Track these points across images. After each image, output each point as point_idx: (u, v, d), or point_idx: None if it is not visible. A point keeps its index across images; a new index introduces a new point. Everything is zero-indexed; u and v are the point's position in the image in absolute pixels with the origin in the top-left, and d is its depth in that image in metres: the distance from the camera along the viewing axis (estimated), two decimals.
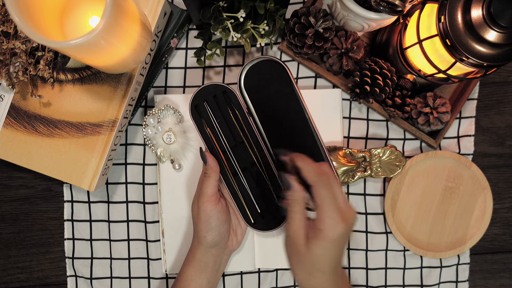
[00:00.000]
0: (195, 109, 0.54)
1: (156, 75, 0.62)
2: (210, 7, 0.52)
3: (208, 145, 0.54)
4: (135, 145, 0.63)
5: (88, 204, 0.64)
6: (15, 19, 0.40)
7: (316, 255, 0.45)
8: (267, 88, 0.53)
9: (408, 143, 0.64)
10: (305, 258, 0.45)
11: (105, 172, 0.57)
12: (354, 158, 0.60)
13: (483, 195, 0.62)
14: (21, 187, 0.65)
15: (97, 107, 0.55)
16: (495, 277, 0.66)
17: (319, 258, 0.45)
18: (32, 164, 0.55)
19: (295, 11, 0.58)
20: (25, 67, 0.54)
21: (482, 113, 0.65)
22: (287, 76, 0.52)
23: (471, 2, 0.45)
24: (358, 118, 0.63)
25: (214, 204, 0.52)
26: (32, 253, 0.65)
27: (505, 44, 0.45)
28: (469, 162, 0.62)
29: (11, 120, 0.55)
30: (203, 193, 0.52)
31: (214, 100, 0.54)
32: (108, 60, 0.48)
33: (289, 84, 0.52)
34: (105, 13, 0.39)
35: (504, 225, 0.66)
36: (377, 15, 0.52)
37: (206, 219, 0.52)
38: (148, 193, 0.63)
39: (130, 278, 0.64)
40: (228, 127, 0.54)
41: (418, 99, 0.60)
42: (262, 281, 0.63)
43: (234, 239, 0.56)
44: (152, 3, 0.53)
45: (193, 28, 0.63)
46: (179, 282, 0.54)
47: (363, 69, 0.59)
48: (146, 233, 0.63)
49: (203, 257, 0.54)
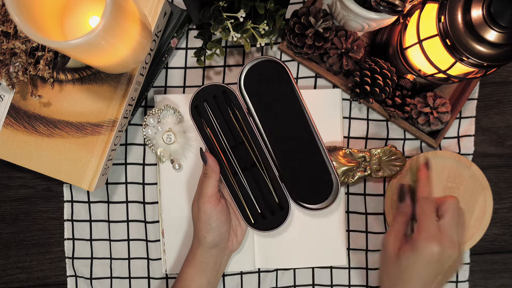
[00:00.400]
0: (195, 109, 0.54)
1: (156, 75, 0.62)
2: (210, 7, 0.52)
3: (208, 145, 0.54)
4: (135, 145, 0.63)
5: (88, 204, 0.64)
6: (15, 19, 0.40)
7: (402, 265, 0.47)
8: (267, 88, 0.53)
9: (408, 143, 0.64)
10: (392, 267, 0.48)
11: (105, 172, 0.57)
12: (354, 158, 0.60)
13: (483, 195, 0.62)
14: (21, 187, 0.65)
15: (97, 107, 0.55)
16: (495, 277, 0.66)
17: (404, 269, 0.47)
18: (32, 164, 0.55)
19: (295, 11, 0.58)
20: (25, 67, 0.54)
21: (482, 113, 0.65)
22: (287, 76, 0.52)
23: (471, 2, 0.45)
24: (358, 118, 0.63)
25: (214, 205, 0.52)
26: (32, 253, 0.65)
27: (505, 44, 0.45)
28: (469, 162, 0.62)
29: (11, 120, 0.55)
30: (203, 194, 0.52)
31: (214, 100, 0.54)
32: (108, 60, 0.48)
33: (289, 84, 0.52)
34: (105, 13, 0.39)
35: (504, 225, 0.66)
36: (377, 15, 0.52)
37: (206, 220, 0.52)
38: (148, 193, 0.63)
39: (130, 278, 0.64)
40: (228, 127, 0.54)
41: (418, 99, 0.60)
42: (262, 281, 0.63)
43: (234, 240, 0.56)
44: (152, 3, 0.53)
45: (193, 28, 0.63)
46: (179, 283, 0.54)
47: (363, 69, 0.59)
48: (146, 233, 0.63)
49: (203, 257, 0.54)
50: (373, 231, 0.64)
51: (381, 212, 0.64)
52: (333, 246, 0.62)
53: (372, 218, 0.64)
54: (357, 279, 0.64)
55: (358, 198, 0.64)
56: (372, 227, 0.64)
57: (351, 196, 0.64)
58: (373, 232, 0.64)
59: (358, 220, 0.64)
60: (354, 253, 0.64)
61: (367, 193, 0.64)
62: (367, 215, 0.64)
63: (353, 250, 0.64)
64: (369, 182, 0.64)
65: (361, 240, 0.64)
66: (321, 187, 0.55)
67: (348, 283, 0.64)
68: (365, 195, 0.64)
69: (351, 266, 0.64)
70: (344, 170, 0.59)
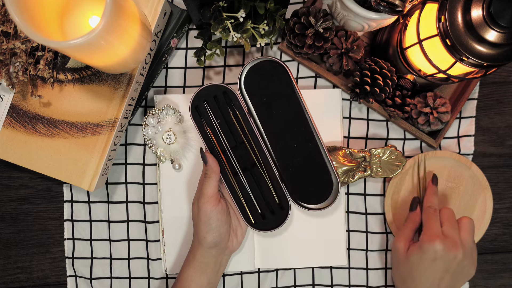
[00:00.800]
0: (195, 109, 0.54)
1: (156, 75, 0.62)
2: (210, 7, 0.52)
3: (208, 146, 0.54)
4: (135, 145, 0.63)
5: (88, 204, 0.64)
6: (15, 19, 0.40)
7: (411, 262, 0.54)
8: (268, 88, 0.53)
9: (408, 143, 0.64)
10: (403, 265, 0.55)
11: (105, 172, 0.57)
12: (354, 158, 0.60)
13: (483, 195, 0.62)
14: (21, 187, 0.65)
15: (97, 107, 0.55)
16: (495, 277, 0.66)
17: (413, 265, 0.53)
18: (32, 164, 0.55)
19: (295, 11, 0.58)
20: (25, 67, 0.54)
21: (482, 113, 0.65)
22: (288, 76, 0.52)
23: (471, 2, 0.45)
24: (358, 118, 0.63)
25: (215, 205, 0.52)
26: (32, 253, 0.65)
27: (505, 44, 0.45)
28: (469, 162, 0.62)
29: (11, 120, 0.55)
30: (203, 194, 0.52)
31: (215, 100, 0.54)
32: (108, 60, 0.48)
33: (289, 84, 0.52)
34: (105, 13, 0.39)
35: (504, 225, 0.66)
36: (377, 15, 0.52)
37: (206, 220, 0.52)
38: (148, 193, 0.63)
39: (130, 278, 0.64)
40: (228, 128, 0.54)
41: (418, 99, 0.60)
42: (262, 281, 0.63)
43: (234, 240, 0.56)
44: (152, 3, 0.53)
45: (193, 28, 0.63)
46: (179, 283, 0.54)
47: (363, 69, 0.59)
48: (146, 233, 0.63)
49: (204, 257, 0.54)
50: (373, 231, 0.64)
51: (381, 212, 0.64)
52: (333, 246, 0.62)
53: (372, 218, 0.64)
54: (357, 279, 0.64)
55: (358, 198, 0.64)
56: (372, 227, 0.64)
57: (351, 196, 0.64)
58: (373, 232, 0.64)
59: (358, 220, 0.64)
60: (354, 253, 0.64)
61: (367, 193, 0.64)
62: (367, 215, 0.64)
63: (353, 250, 0.64)
64: (369, 182, 0.64)
65: (361, 240, 0.64)
66: (321, 187, 0.55)
67: (348, 283, 0.64)
68: (365, 195, 0.64)
69: (351, 266, 0.64)
70: (344, 170, 0.59)
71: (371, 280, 0.64)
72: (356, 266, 0.64)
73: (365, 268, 0.64)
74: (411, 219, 0.58)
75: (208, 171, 0.52)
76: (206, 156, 0.52)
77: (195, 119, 0.54)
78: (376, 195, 0.64)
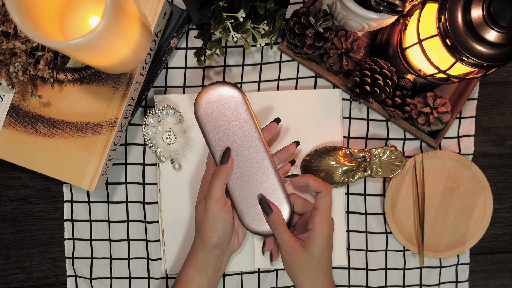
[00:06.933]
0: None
1: (156, 75, 0.62)
2: (210, 7, 0.52)
3: (210, 145, 0.54)
4: (135, 145, 0.63)
5: (88, 204, 0.64)
6: (15, 19, 0.40)
7: (318, 254, 0.51)
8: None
9: (408, 143, 0.64)
10: (309, 262, 0.52)
11: (105, 172, 0.57)
12: (354, 158, 0.60)
13: (483, 195, 0.62)
14: (21, 187, 0.65)
15: (97, 107, 0.55)
16: (495, 277, 0.66)
17: (320, 257, 0.52)
18: (32, 164, 0.55)
19: (295, 11, 0.58)
20: (25, 67, 0.54)
21: (482, 113, 0.65)
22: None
23: (471, 2, 0.45)
24: (358, 118, 0.63)
25: (222, 206, 0.52)
26: (32, 253, 0.65)
27: (505, 44, 0.45)
28: (469, 162, 0.62)
29: (11, 120, 0.55)
30: (211, 195, 0.51)
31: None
32: (108, 60, 0.48)
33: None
34: (105, 13, 0.39)
35: (504, 225, 0.66)
36: (377, 15, 0.52)
37: (213, 220, 0.51)
38: (148, 193, 0.63)
39: (130, 278, 0.64)
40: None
41: (418, 99, 0.60)
42: (262, 281, 0.63)
43: (236, 240, 0.56)
44: (152, 3, 0.53)
45: (193, 28, 0.63)
46: (180, 283, 0.54)
47: (363, 69, 0.59)
48: (146, 233, 0.63)
49: (205, 257, 0.54)
50: (373, 231, 0.64)
51: (381, 212, 0.64)
52: (333, 246, 0.62)
53: (372, 218, 0.64)
54: (356, 279, 0.64)
55: (358, 198, 0.64)
56: (372, 227, 0.64)
57: (351, 196, 0.64)
58: (373, 232, 0.64)
59: (358, 220, 0.64)
60: (354, 253, 0.64)
61: (367, 193, 0.64)
62: (367, 215, 0.64)
63: (352, 250, 0.64)
64: (369, 182, 0.64)
65: (361, 240, 0.64)
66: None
67: (348, 283, 0.64)
68: (365, 195, 0.64)
69: (351, 266, 0.64)
70: (344, 170, 0.59)
71: (371, 280, 0.64)
72: (356, 266, 0.64)
73: (365, 268, 0.64)
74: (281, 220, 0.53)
75: (222, 171, 0.51)
76: (229, 157, 0.52)
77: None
78: (376, 195, 0.64)
